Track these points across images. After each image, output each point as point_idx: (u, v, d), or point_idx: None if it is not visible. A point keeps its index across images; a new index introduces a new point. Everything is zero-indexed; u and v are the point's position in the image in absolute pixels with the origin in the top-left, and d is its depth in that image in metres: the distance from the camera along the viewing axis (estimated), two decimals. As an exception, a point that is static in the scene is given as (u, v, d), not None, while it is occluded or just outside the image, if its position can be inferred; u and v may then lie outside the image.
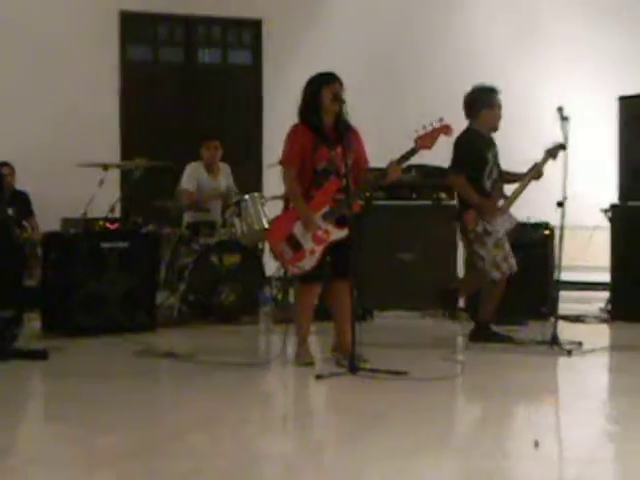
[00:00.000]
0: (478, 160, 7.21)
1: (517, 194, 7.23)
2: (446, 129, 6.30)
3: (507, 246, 7.18)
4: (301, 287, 6.48)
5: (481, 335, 7.26)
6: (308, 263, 6.20)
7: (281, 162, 6.39)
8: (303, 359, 6.33)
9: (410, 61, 11.81)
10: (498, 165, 7.32)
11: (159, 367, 6.54)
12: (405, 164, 6.38)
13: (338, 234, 6.16)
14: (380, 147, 6.42)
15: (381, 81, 11.43)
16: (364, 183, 6.39)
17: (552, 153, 7.20)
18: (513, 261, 7.18)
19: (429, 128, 6.26)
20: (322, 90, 6.23)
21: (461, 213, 7.29)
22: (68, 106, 10.64)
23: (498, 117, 7.30)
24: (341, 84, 6.24)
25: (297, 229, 6.21)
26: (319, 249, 6.18)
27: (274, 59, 11.66)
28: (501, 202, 7.19)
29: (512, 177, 7.35)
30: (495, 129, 7.34)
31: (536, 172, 7.22)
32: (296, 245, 6.20)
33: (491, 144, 7.32)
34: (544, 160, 7.21)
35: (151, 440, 4.50)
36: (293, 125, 6.35)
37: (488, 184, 7.22)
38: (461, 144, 7.24)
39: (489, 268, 7.17)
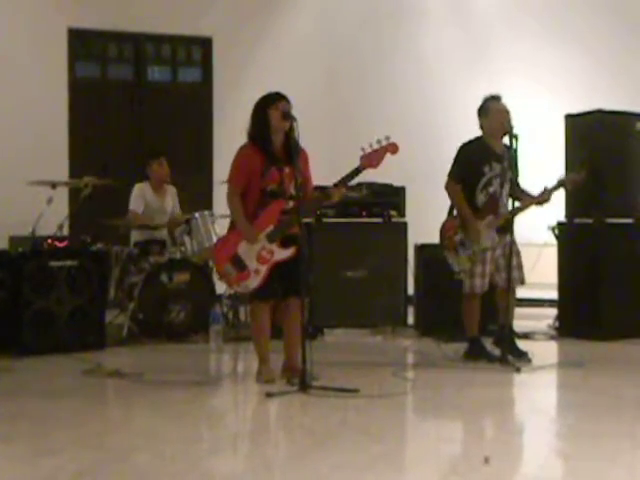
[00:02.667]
0: (470, 172, 7.11)
1: (513, 214, 7.05)
2: (392, 147, 6.13)
3: (487, 266, 7.10)
4: (252, 306, 6.46)
5: (471, 353, 7.21)
6: (252, 283, 6.20)
7: (228, 181, 6.38)
8: (265, 376, 6.29)
9: (358, 80, 11.89)
10: (506, 178, 7.11)
11: (107, 386, 6.48)
12: (350, 183, 6.24)
13: (282, 254, 6.15)
14: (330, 165, 6.39)
15: (329, 98, 11.48)
16: (307, 204, 6.23)
17: (563, 183, 7.29)
18: (486, 281, 7.13)
19: (375, 146, 6.12)
20: (269, 110, 6.20)
21: (448, 216, 7.23)
22: (16, 123, 10.57)
23: (496, 124, 7.06)
24: (288, 102, 6.22)
25: (241, 249, 6.19)
26: (263, 268, 6.17)
27: (224, 77, 11.67)
28: (490, 218, 7.07)
29: (521, 195, 7.20)
30: (496, 136, 7.13)
31: (542, 197, 7.17)
32: (240, 265, 6.19)
33: (494, 157, 7.13)
34: (554, 188, 7.23)
35: (98, 460, 4.44)
36: (242, 145, 6.32)
37: (481, 197, 7.11)
38: (458, 153, 7.19)
39: (463, 277, 7.17)
